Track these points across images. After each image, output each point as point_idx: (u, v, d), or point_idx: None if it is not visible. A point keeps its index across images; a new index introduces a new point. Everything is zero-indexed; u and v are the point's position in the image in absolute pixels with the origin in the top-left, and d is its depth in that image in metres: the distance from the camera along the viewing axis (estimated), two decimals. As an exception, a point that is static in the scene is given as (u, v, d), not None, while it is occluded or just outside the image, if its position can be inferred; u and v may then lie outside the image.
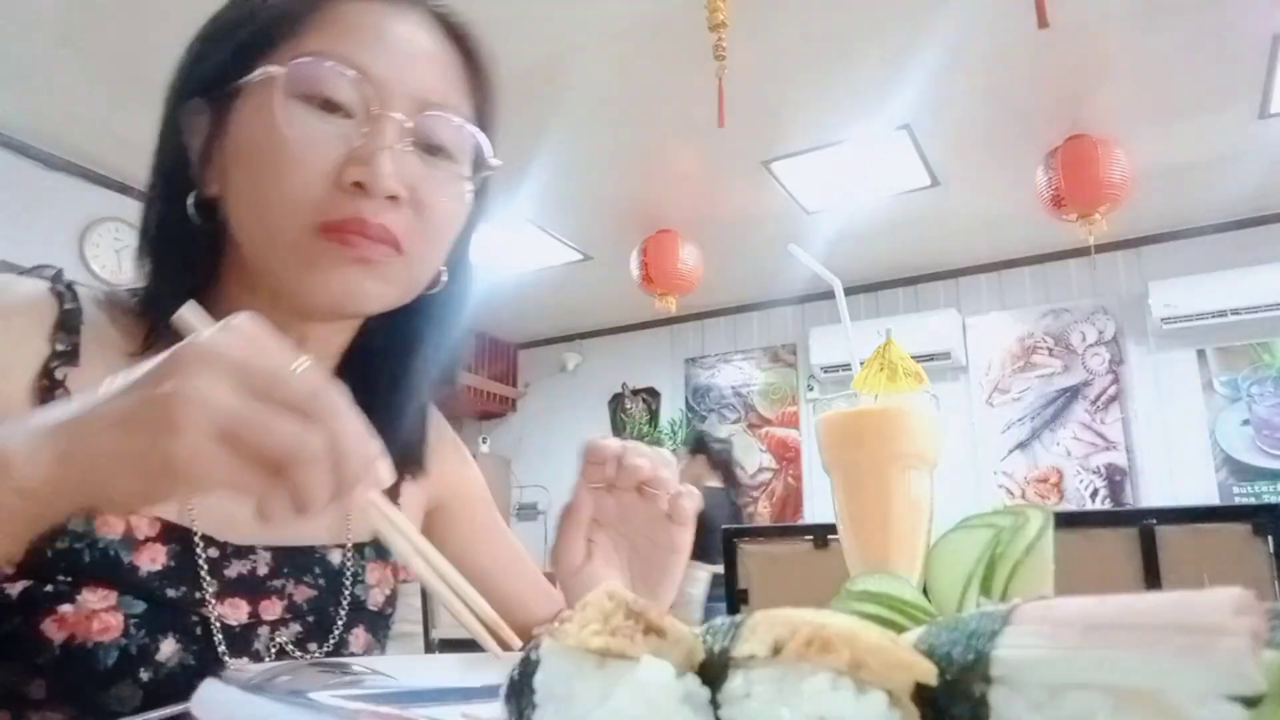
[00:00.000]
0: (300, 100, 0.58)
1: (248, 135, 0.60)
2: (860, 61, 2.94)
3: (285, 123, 0.58)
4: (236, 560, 0.62)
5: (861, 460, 0.61)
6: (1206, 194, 3.86)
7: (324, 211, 0.58)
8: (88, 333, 0.61)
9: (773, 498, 5.00)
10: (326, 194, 0.58)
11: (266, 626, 0.63)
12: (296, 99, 0.58)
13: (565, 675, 0.25)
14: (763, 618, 0.25)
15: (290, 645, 0.64)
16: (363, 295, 0.61)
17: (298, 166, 0.58)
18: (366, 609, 0.70)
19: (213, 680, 0.37)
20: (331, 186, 0.58)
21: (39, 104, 3.18)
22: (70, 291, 0.62)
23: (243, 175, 0.60)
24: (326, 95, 0.59)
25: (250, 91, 0.60)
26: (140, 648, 0.55)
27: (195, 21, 0.67)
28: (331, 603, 0.67)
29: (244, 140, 0.60)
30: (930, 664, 0.24)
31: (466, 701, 0.36)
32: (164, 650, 0.56)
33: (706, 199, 3.92)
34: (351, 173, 0.58)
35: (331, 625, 0.67)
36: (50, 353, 0.58)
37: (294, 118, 0.58)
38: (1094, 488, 4.23)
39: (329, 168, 0.58)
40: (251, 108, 0.60)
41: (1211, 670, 0.19)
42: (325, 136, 0.59)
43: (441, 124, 0.63)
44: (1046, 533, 0.33)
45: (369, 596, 0.71)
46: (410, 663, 0.64)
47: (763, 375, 5.21)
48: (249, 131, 0.60)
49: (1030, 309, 4.54)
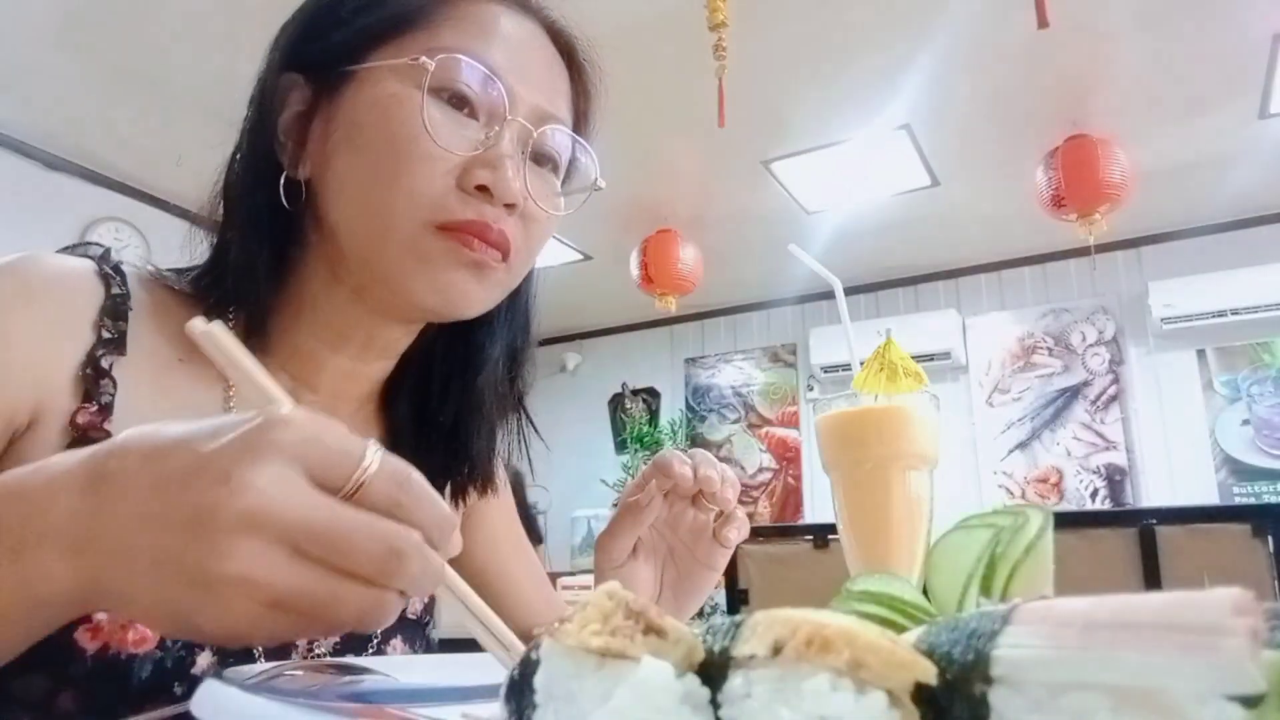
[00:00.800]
0: (433, 94, 0.57)
1: (367, 120, 0.58)
2: (860, 61, 2.94)
3: (422, 115, 0.56)
4: None
5: (861, 460, 0.61)
6: (1206, 194, 3.85)
7: (445, 210, 0.57)
8: (136, 320, 0.58)
9: (773, 498, 5.00)
10: (449, 193, 0.57)
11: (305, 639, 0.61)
12: (431, 93, 0.57)
13: (565, 675, 0.25)
14: (763, 618, 0.25)
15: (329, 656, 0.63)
16: (469, 299, 0.60)
17: (425, 161, 0.56)
18: (406, 616, 0.70)
19: (213, 680, 0.37)
20: (454, 186, 0.57)
21: (39, 104, 3.18)
22: (118, 274, 0.60)
23: (355, 163, 0.58)
24: (460, 92, 0.58)
25: (371, 77, 0.58)
26: (176, 661, 0.53)
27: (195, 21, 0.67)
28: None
29: (361, 123, 0.58)
30: (930, 664, 0.24)
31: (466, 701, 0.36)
32: (200, 663, 0.55)
33: (706, 199, 3.92)
34: (479, 175, 0.57)
35: (370, 635, 0.66)
36: (96, 340, 0.56)
37: (430, 113, 0.56)
38: (1094, 488, 4.22)
39: (453, 166, 0.57)
40: (373, 94, 0.58)
41: (1211, 670, 0.20)
42: (455, 134, 0.57)
43: (558, 137, 0.63)
44: (1046, 533, 0.33)
45: (409, 604, 0.70)
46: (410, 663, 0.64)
47: (763, 375, 5.20)
48: (369, 115, 0.58)
49: (1030, 309, 4.53)
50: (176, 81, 2.94)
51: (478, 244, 0.58)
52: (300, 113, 0.61)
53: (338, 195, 0.60)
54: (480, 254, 0.58)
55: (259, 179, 0.61)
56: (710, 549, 0.74)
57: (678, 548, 0.75)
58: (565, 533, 4.88)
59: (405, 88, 0.57)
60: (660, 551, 0.75)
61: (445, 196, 0.57)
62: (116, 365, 0.56)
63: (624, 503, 0.72)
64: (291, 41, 0.62)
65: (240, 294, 0.61)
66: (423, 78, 0.57)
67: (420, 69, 0.57)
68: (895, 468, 0.60)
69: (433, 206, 0.57)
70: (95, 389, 0.55)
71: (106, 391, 0.55)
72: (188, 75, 2.89)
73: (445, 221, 0.57)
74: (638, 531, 0.72)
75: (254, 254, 0.60)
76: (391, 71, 0.58)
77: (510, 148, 0.59)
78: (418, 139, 0.56)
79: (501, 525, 0.85)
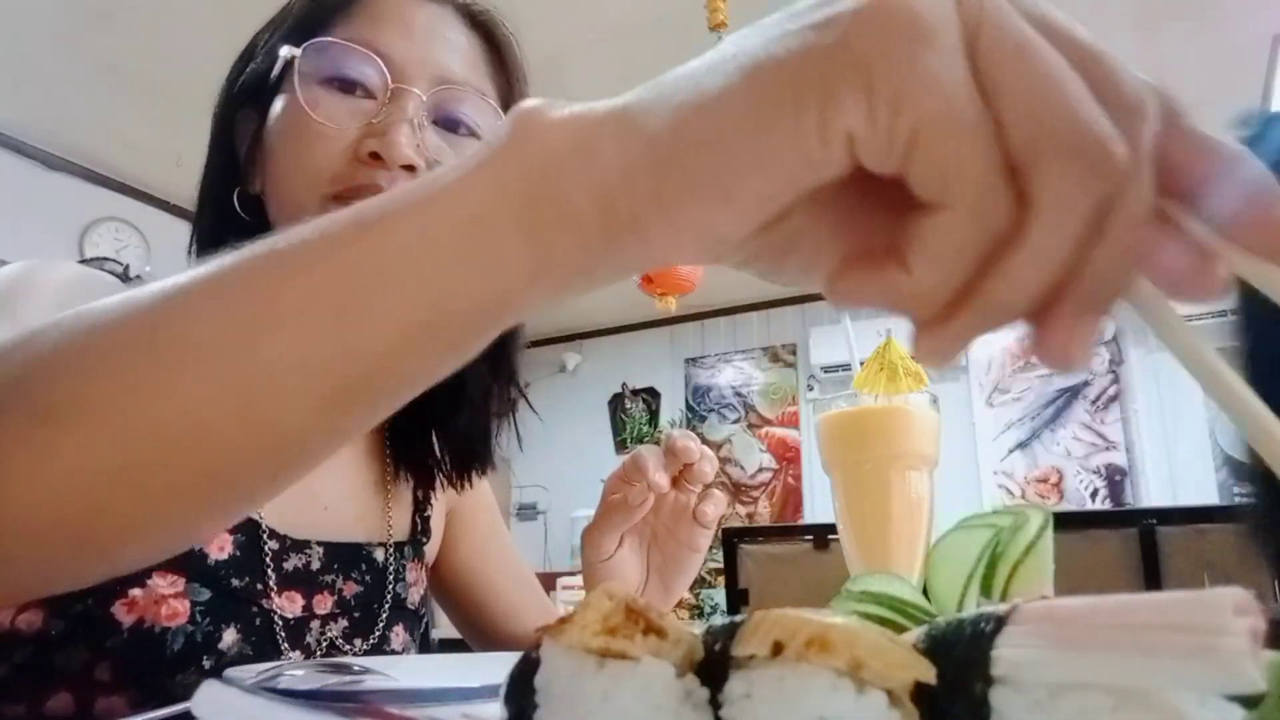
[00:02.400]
0: (321, 84, 0.61)
1: (277, 123, 0.63)
2: (860, 61, 2.94)
3: (306, 101, 0.60)
4: (294, 554, 0.64)
5: (861, 460, 0.61)
6: (1206, 194, 3.86)
7: (340, 181, 0.60)
8: None
9: (773, 498, 5.00)
10: (344, 166, 0.60)
11: (318, 620, 0.64)
12: (318, 83, 0.61)
13: (565, 675, 0.25)
14: (763, 618, 0.25)
15: (339, 639, 0.66)
16: None
17: (317, 141, 0.60)
18: (406, 607, 0.72)
19: (213, 680, 0.37)
20: (350, 159, 0.60)
21: (39, 104, 3.18)
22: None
23: (273, 160, 0.63)
24: (345, 75, 0.62)
25: (281, 86, 0.64)
26: (205, 635, 0.56)
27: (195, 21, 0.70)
28: (376, 599, 0.69)
29: (274, 128, 0.63)
30: (930, 664, 0.24)
31: (466, 701, 0.36)
32: (226, 639, 0.58)
33: (706, 199, 3.92)
34: (368, 144, 0.60)
35: (375, 621, 0.68)
36: None
37: (314, 97, 0.61)
38: (1094, 488, 4.23)
39: (347, 143, 0.61)
40: (281, 98, 0.63)
41: (1211, 670, 0.20)
42: (344, 113, 0.61)
43: (459, 97, 0.65)
44: (1046, 533, 0.33)
45: (408, 595, 0.72)
46: (410, 663, 0.64)
47: (763, 375, 5.21)
48: (278, 119, 0.63)
49: (1030, 309, 4.54)
50: (176, 81, 2.94)
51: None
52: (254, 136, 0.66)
53: (268, 193, 0.65)
54: None
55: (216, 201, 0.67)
56: (691, 530, 0.75)
57: (660, 532, 0.76)
58: (565, 533, 4.88)
59: (298, 83, 0.61)
60: (644, 538, 0.77)
61: (344, 169, 0.60)
62: None
63: (610, 500, 0.73)
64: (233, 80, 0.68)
65: None
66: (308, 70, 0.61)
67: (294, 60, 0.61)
68: (895, 468, 0.60)
69: (332, 180, 0.60)
70: None
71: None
72: (188, 75, 2.89)
73: (340, 190, 0.60)
74: (626, 527, 0.74)
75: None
76: (286, 77, 0.63)
77: (402, 114, 0.61)
78: (306, 124, 0.60)
79: (485, 524, 0.86)
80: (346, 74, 0.62)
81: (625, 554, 0.75)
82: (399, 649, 0.70)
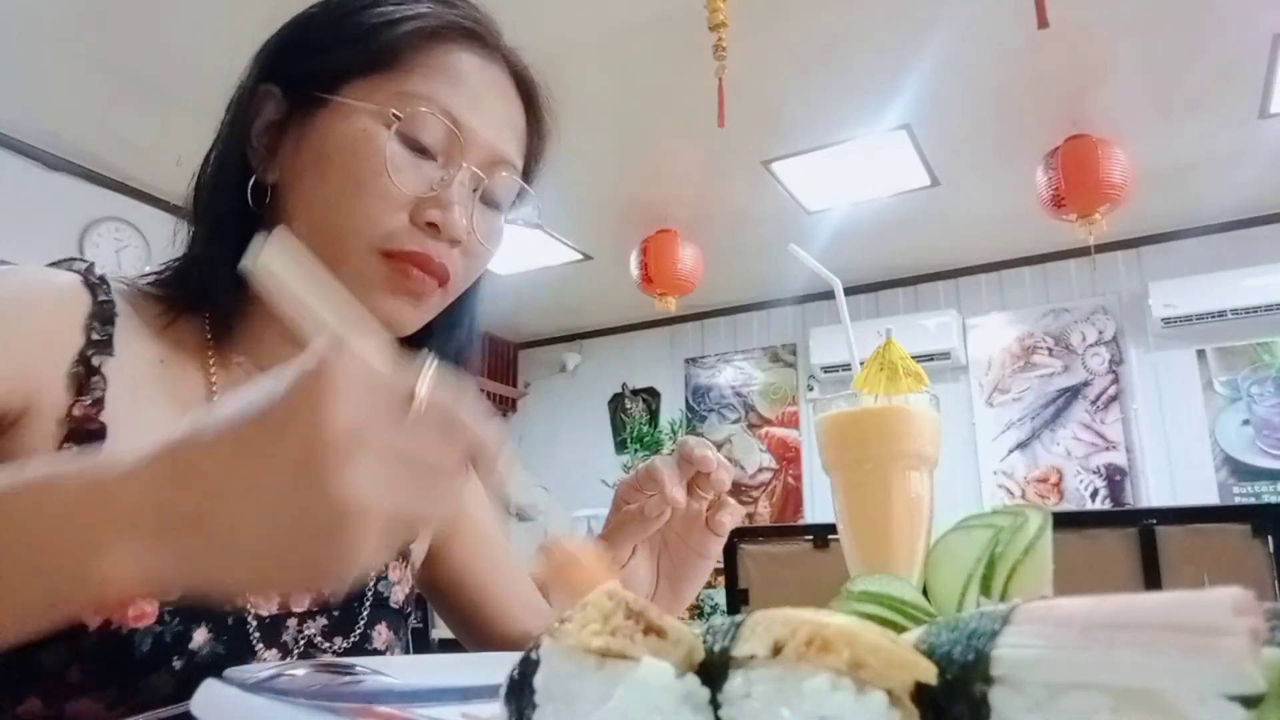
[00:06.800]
0: (397, 138, 0.62)
1: (335, 149, 0.62)
2: (860, 61, 2.94)
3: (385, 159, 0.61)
4: None
5: (861, 460, 0.61)
6: (1206, 194, 3.85)
7: (394, 240, 0.63)
8: (122, 323, 0.62)
9: (773, 498, 4.99)
10: (401, 227, 0.62)
11: (295, 619, 0.64)
12: (399, 135, 0.62)
13: (565, 675, 0.25)
14: (763, 618, 0.25)
15: (318, 638, 0.65)
16: (402, 324, 0.66)
17: (382, 199, 0.62)
18: (389, 606, 0.72)
19: (213, 680, 0.37)
20: (407, 221, 0.63)
21: (39, 104, 3.18)
22: (104, 284, 0.64)
23: (320, 188, 0.63)
24: (424, 142, 0.63)
25: (343, 110, 0.63)
26: (175, 635, 0.56)
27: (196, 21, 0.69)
28: (356, 597, 0.69)
29: (330, 151, 0.63)
30: (930, 664, 0.24)
31: (466, 701, 0.36)
32: (196, 639, 0.57)
33: (706, 199, 3.92)
34: (430, 214, 0.63)
35: (356, 619, 0.68)
36: (86, 341, 0.60)
37: (393, 155, 0.62)
38: (1094, 488, 4.22)
39: (406, 203, 0.63)
40: (343, 128, 0.62)
41: (1211, 670, 0.20)
42: (415, 177, 0.63)
43: (509, 185, 0.69)
44: (1045, 533, 0.33)
45: (391, 594, 0.72)
46: (410, 663, 0.64)
47: (763, 375, 5.20)
48: (337, 146, 0.62)
49: (1030, 309, 4.53)
50: (176, 81, 2.94)
51: (416, 274, 0.63)
52: (274, 121, 0.66)
53: (300, 210, 0.64)
54: (417, 284, 0.64)
55: (228, 178, 0.66)
56: (703, 537, 0.74)
57: (671, 538, 0.76)
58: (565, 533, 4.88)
59: (373, 126, 0.62)
60: (655, 544, 0.76)
61: (397, 229, 0.62)
62: (105, 364, 0.60)
63: (626, 510, 0.73)
64: (271, 56, 0.67)
65: (202, 292, 0.66)
66: (390, 123, 0.62)
67: (388, 115, 0.62)
68: (895, 468, 0.60)
69: (384, 237, 0.62)
70: (87, 385, 0.59)
71: (98, 387, 0.59)
72: (188, 75, 2.89)
73: (392, 249, 0.62)
74: (642, 537, 0.74)
75: (216, 252, 0.65)
76: (363, 110, 0.62)
77: (461, 191, 0.64)
78: (378, 178, 0.61)
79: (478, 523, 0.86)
80: (426, 142, 0.63)
81: (638, 561, 0.75)
82: (381, 648, 0.70)
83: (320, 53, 0.65)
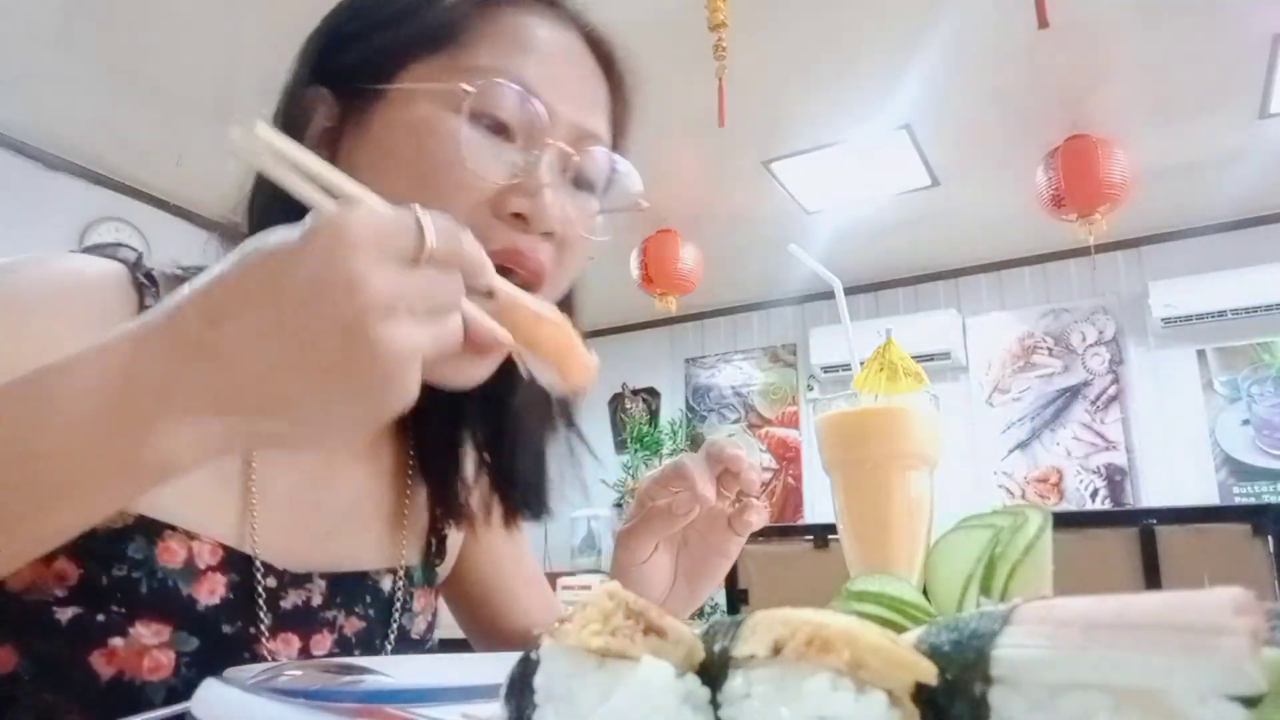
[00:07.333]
0: (470, 120, 0.54)
1: (399, 143, 0.56)
2: (860, 61, 2.94)
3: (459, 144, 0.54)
4: (293, 590, 0.60)
5: (862, 460, 0.61)
6: (1206, 194, 3.85)
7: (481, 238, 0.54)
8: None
9: (773, 498, 4.99)
10: (485, 221, 0.55)
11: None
12: (470, 117, 0.54)
13: (565, 675, 0.25)
14: (763, 618, 0.25)
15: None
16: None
17: (463, 190, 0.54)
18: (410, 638, 0.69)
19: (213, 680, 0.37)
20: (490, 215, 0.55)
21: (39, 104, 3.18)
22: (152, 282, 0.58)
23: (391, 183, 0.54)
24: (500, 118, 0.55)
25: (403, 98, 0.56)
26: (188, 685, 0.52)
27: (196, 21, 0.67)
28: (379, 635, 0.65)
29: (393, 146, 0.56)
30: (930, 664, 0.24)
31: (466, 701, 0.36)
32: None
33: (706, 199, 3.92)
34: (515, 203, 0.55)
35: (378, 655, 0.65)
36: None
37: (466, 139, 0.54)
38: (1094, 488, 4.22)
39: (488, 194, 0.55)
40: (406, 117, 0.56)
41: (1211, 670, 0.20)
42: (494, 162, 0.55)
43: (601, 161, 0.62)
44: (1045, 533, 0.33)
45: (413, 625, 0.69)
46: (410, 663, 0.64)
47: (763, 375, 5.20)
48: (402, 139, 0.56)
49: (1030, 309, 4.53)
50: (176, 81, 2.94)
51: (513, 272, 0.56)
52: (329, 128, 0.59)
53: None
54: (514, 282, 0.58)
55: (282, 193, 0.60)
56: (725, 536, 0.73)
57: (692, 536, 0.75)
58: (565, 533, 4.88)
59: (440, 111, 0.55)
60: (675, 541, 0.75)
61: (481, 225, 0.53)
62: None
63: (652, 505, 0.71)
64: (319, 53, 0.60)
65: None
66: (460, 103, 0.54)
67: (458, 94, 0.54)
68: (895, 468, 0.60)
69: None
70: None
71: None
72: (188, 75, 2.89)
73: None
74: (667, 534, 0.72)
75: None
76: (425, 94, 0.55)
77: (549, 173, 0.56)
78: (453, 167, 0.54)
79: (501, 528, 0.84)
80: (502, 118, 0.55)
81: (659, 557, 0.73)
82: None
83: (368, 38, 0.58)
